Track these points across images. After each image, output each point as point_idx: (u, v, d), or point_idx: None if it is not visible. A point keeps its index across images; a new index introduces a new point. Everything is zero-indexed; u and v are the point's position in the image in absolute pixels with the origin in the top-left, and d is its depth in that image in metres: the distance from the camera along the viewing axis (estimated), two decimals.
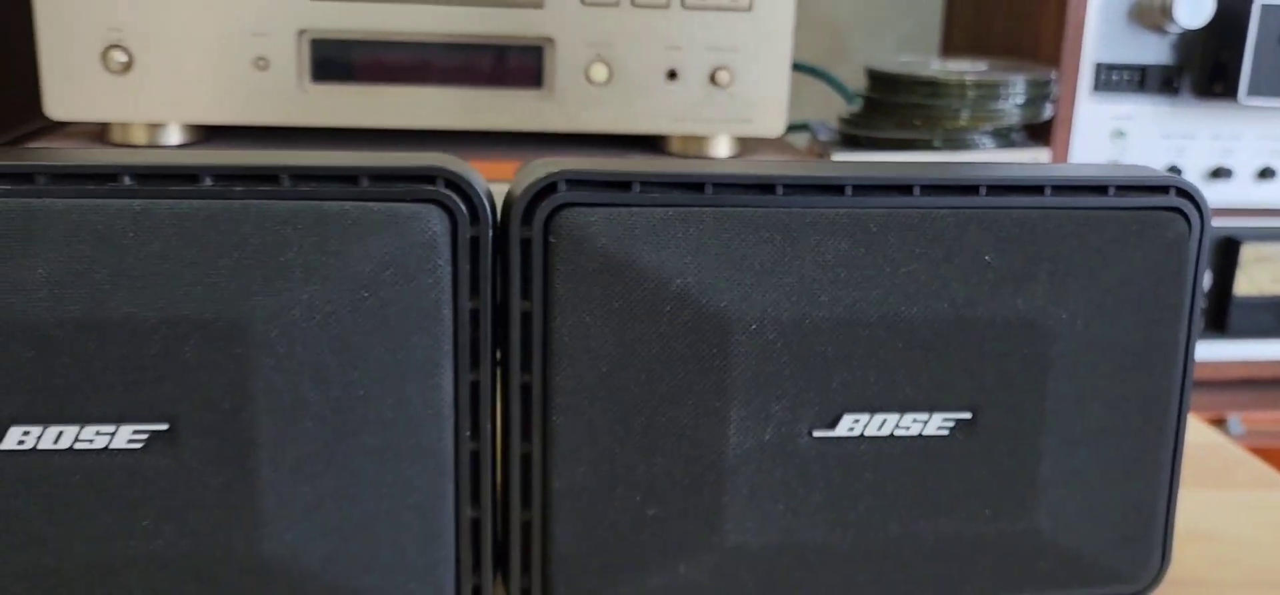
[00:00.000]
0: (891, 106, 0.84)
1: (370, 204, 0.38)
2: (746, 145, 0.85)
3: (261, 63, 0.74)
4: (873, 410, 0.40)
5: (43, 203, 0.36)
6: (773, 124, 0.80)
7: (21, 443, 0.37)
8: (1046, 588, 0.44)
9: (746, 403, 0.39)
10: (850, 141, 0.88)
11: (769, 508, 0.40)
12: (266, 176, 0.38)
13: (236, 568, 0.39)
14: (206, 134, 0.79)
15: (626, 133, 0.80)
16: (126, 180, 0.37)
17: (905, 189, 0.40)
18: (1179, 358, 0.42)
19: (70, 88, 0.74)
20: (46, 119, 0.78)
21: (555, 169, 0.39)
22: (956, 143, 0.84)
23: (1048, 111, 0.84)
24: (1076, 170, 0.42)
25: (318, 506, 0.39)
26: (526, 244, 0.39)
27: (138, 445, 0.37)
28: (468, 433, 0.40)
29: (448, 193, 0.38)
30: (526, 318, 0.39)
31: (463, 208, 0.38)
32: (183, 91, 0.75)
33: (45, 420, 0.37)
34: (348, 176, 0.38)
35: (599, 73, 0.77)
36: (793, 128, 0.92)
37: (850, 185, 0.40)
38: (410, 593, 0.40)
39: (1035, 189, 0.41)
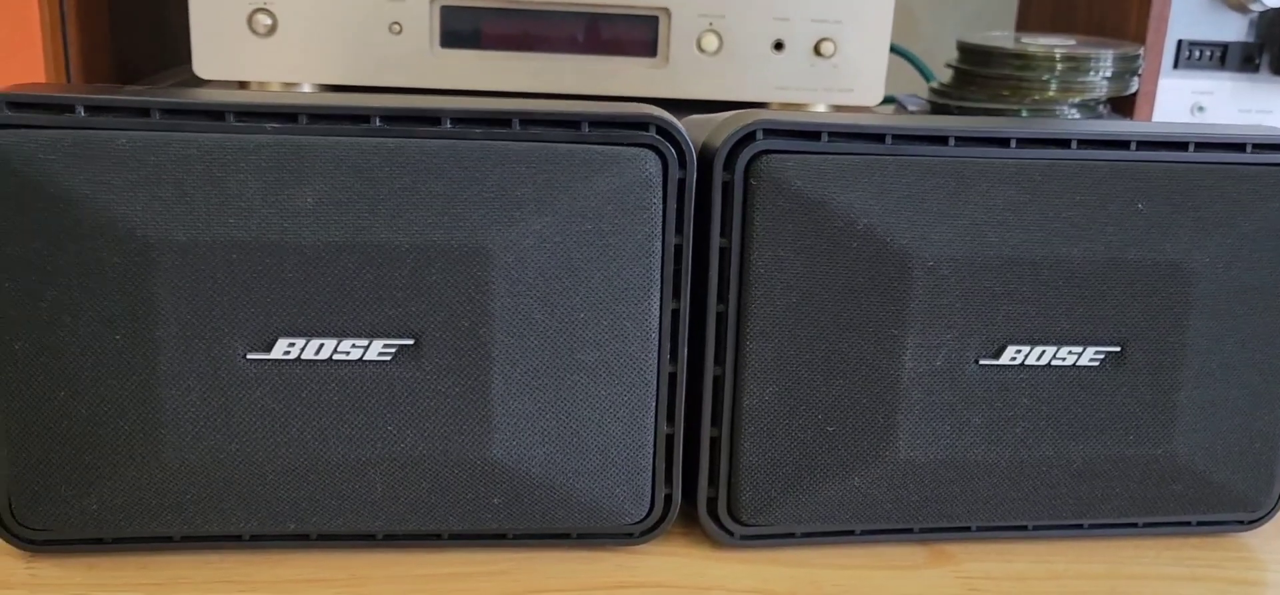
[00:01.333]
0: (982, 78, 0.88)
1: (594, 146, 0.42)
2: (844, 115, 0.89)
3: (395, 28, 0.79)
4: (1033, 342, 0.44)
5: (310, 139, 0.41)
6: (872, 93, 0.84)
7: (287, 353, 0.41)
8: (1178, 509, 0.48)
9: (921, 332, 0.44)
10: (939, 111, 0.92)
11: (937, 427, 0.45)
12: (500, 120, 0.42)
13: (466, 470, 0.43)
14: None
15: (732, 101, 0.84)
16: (377, 121, 0.42)
17: (1064, 143, 0.44)
18: None
19: (217, 48, 0.79)
20: (185, 73, 0.83)
21: (749, 120, 0.43)
22: (1043, 114, 0.88)
23: (1134, 85, 0.87)
24: (1217, 129, 0.46)
25: (539, 416, 0.43)
26: (727, 186, 0.43)
27: (387, 358, 0.42)
28: (668, 356, 0.44)
29: (659, 138, 0.43)
30: (724, 253, 0.44)
31: (672, 152, 0.43)
32: (320, 53, 0.79)
33: (308, 333, 0.41)
34: (570, 122, 0.42)
35: (710, 42, 0.82)
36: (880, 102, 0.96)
37: (1014, 138, 0.44)
38: (615, 498, 0.45)
39: (1180, 145, 0.45)
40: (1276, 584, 0.48)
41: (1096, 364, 0.45)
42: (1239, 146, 0.45)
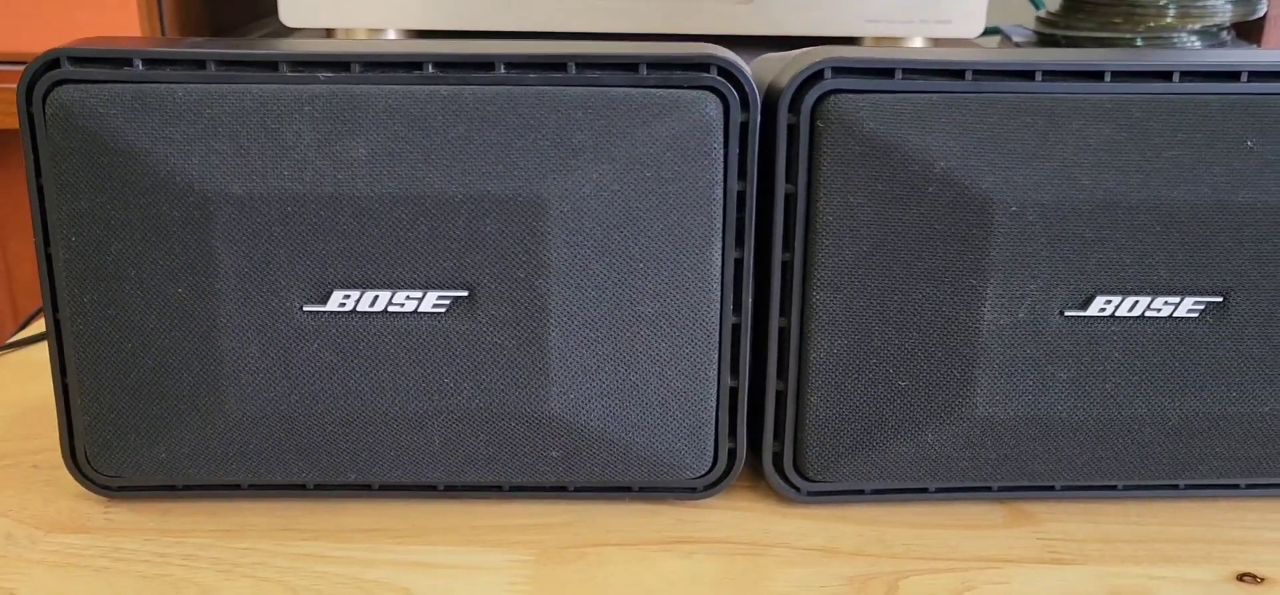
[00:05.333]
0: (1091, 5, 0.83)
1: (653, 90, 0.40)
2: (940, 47, 0.84)
3: None
4: (1125, 292, 0.41)
5: (363, 89, 0.40)
6: (972, 24, 0.80)
7: (342, 305, 0.41)
8: None
9: (1003, 282, 0.41)
10: (1047, 41, 0.87)
11: (1018, 383, 0.42)
12: (555, 65, 0.41)
13: (523, 423, 0.42)
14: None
15: (822, 35, 0.81)
16: (430, 68, 0.41)
17: (1165, 75, 0.41)
18: None
19: None
20: (275, 23, 0.83)
21: (817, 58, 0.41)
22: (1160, 42, 0.82)
23: (1262, 8, 0.81)
24: None
25: (598, 369, 0.42)
26: (793, 129, 0.41)
27: (441, 309, 0.41)
28: (731, 307, 0.43)
29: (721, 80, 0.41)
30: (790, 199, 0.42)
31: (734, 94, 0.41)
32: None
33: (363, 285, 0.41)
34: (628, 64, 0.41)
35: None
36: (984, 32, 0.91)
37: (1109, 72, 0.41)
38: (676, 452, 0.44)
39: None
40: None
41: (1196, 315, 0.42)
42: None
